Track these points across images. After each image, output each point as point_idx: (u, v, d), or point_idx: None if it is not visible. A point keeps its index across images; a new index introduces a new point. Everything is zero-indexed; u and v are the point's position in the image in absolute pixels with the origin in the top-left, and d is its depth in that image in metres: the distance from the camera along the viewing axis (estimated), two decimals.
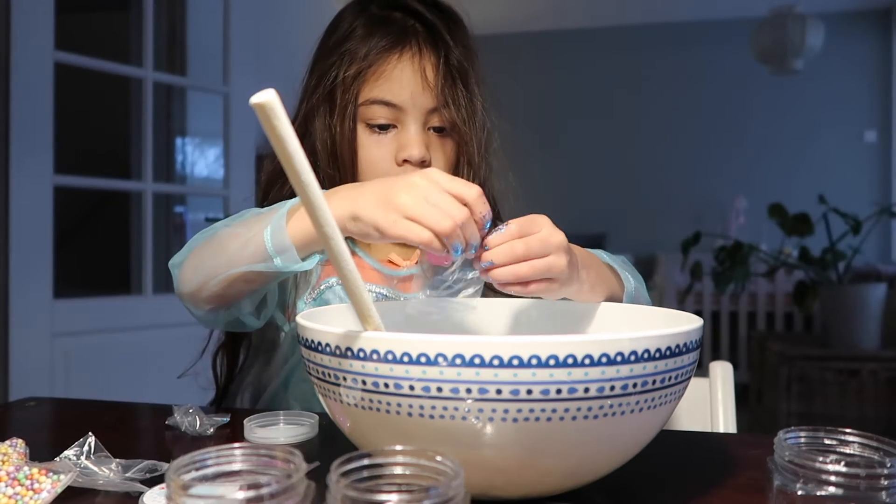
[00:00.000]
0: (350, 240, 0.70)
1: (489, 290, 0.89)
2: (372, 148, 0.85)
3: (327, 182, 0.84)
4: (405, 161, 0.84)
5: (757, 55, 3.79)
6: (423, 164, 0.85)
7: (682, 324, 0.49)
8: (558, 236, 0.60)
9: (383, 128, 0.85)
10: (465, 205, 0.56)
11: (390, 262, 0.91)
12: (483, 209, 0.56)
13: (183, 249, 0.77)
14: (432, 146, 0.86)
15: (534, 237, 0.59)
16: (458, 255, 0.57)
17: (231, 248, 0.68)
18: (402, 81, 0.83)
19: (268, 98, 0.41)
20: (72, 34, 2.23)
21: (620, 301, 0.77)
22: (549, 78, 5.33)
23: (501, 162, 0.95)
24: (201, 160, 3.10)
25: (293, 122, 0.78)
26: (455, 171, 0.88)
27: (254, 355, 0.93)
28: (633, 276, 0.82)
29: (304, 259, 0.65)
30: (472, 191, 0.56)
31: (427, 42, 0.84)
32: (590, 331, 0.70)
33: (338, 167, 0.86)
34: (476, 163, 0.87)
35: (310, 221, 0.61)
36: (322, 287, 0.87)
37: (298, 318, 0.53)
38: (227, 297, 0.73)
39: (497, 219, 1.00)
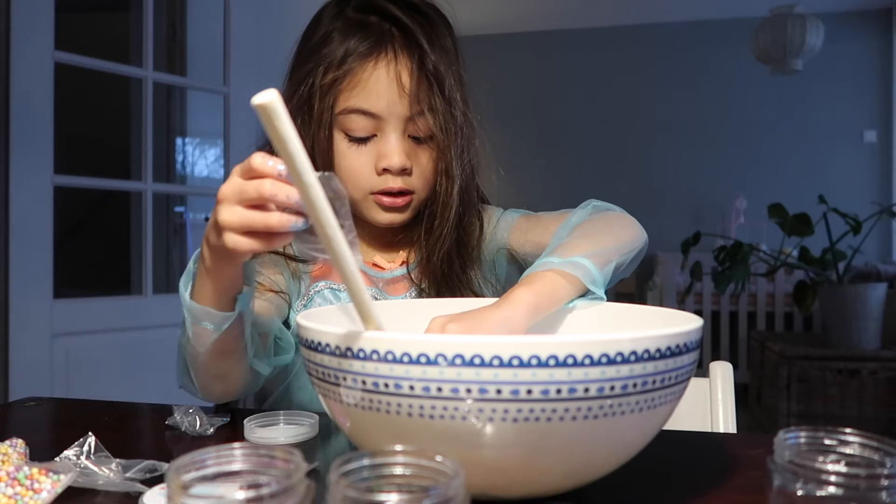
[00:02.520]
0: None
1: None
2: (352, 157, 0.83)
3: None
4: (385, 170, 0.83)
5: (757, 55, 3.79)
6: (405, 171, 0.83)
7: (682, 324, 0.49)
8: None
9: (363, 138, 0.83)
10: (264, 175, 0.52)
11: (375, 264, 0.91)
12: (267, 168, 0.52)
13: (179, 371, 0.77)
14: (412, 154, 0.84)
15: None
16: (299, 227, 0.53)
17: (192, 346, 0.69)
18: (379, 90, 0.80)
19: (269, 98, 0.41)
20: (72, 34, 2.23)
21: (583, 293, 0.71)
22: (549, 78, 5.33)
23: (489, 161, 0.92)
24: (201, 160, 3.10)
25: None
26: (434, 177, 0.86)
27: None
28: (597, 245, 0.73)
29: (229, 309, 0.65)
30: (255, 160, 0.52)
31: (403, 47, 0.81)
32: (589, 331, 0.70)
33: None
34: (454, 170, 0.85)
35: (208, 283, 0.63)
36: (312, 293, 0.87)
37: (298, 318, 0.53)
38: (229, 378, 0.74)
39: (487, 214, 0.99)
